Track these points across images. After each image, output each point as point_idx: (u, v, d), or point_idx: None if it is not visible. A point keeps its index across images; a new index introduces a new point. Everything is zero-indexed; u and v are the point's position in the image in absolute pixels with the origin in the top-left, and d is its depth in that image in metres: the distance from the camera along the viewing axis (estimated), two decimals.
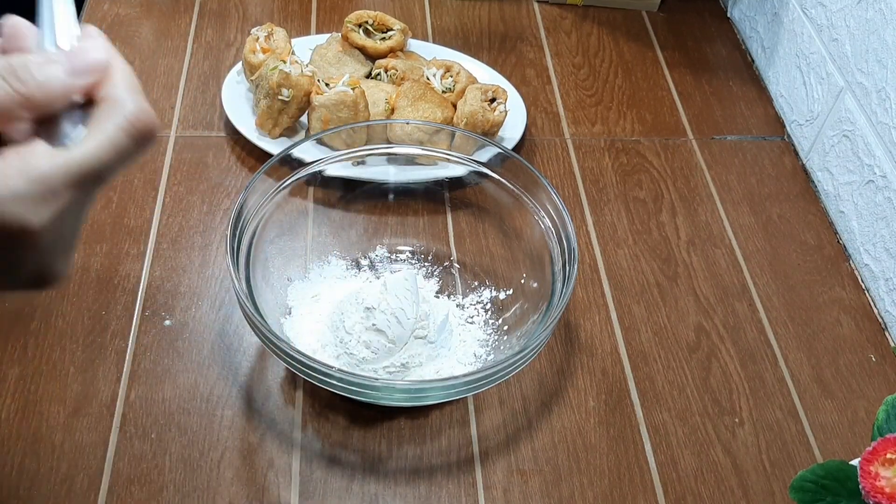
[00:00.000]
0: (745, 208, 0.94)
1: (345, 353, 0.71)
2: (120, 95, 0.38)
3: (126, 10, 1.08)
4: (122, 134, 0.37)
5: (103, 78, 0.38)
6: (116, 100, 0.38)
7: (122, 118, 0.37)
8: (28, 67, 0.36)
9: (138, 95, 0.38)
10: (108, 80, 0.38)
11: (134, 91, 0.38)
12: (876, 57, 0.88)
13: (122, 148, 0.37)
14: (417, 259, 0.83)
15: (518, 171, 0.78)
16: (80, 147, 0.37)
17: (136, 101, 0.38)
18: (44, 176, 0.36)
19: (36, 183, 0.35)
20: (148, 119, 0.38)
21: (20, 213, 0.35)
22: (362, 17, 0.98)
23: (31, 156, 0.36)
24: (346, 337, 0.72)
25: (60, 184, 0.36)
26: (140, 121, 0.38)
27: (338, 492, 0.68)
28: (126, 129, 0.37)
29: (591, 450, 0.72)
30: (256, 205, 0.73)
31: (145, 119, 0.38)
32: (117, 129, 0.37)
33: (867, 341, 0.83)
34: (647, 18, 1.17)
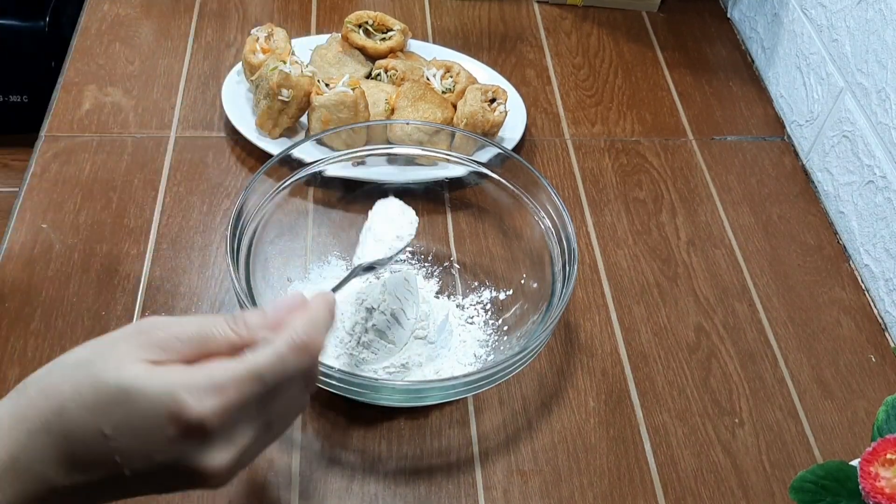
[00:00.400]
0: (745, 209, 0.94)
1: (345, 353, 0.71)
2: (295, 322, 0.46)
3: (126, 10, 1.08)
4: (284, 347, 0.45)
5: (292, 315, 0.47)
6: (290, 324, 0.46)
7: (288, 336, 0.45)
8: (244, 315, 0.46)
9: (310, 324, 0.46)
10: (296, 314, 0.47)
11: (310, 322, 0.46)
12: (876, 57, 0.88)
13: (283, 358, 0.45)
14: (417, 259, 0.83)
15: (518, 171, 0.78)
16: (249, 355, 0.44)
17: (306, 327, 0.46)
18: (216, 374, 0.43)
19: (209, 378, 0.43)
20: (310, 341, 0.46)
21: (190, 400, 0.42)
22: (362, 18, 0.98)
23: (217, 362, 0.44)
24: (346, 338, 0.72)
25: (227, 381, 0.43)
26: (302, 340, 0.45)
27: (338, 492, 0.68)
28: (289, 344, 0.45)
29: (591, 450, 0.72)
30: (256, 205, 0.73)
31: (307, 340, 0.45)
32: (281, 343, 0.45)
33: (867, 342, 0.83)
34: (647, 19, 1.17)
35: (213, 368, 0.43)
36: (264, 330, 0.46)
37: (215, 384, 0.43)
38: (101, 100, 0.96)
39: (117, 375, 0.42)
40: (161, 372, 0.43)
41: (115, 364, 0.43)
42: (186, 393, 0.42)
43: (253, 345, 0.45)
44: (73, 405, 0.42)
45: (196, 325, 0.45)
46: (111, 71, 1.00)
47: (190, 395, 0.42)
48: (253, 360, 0.44)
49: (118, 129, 0.93)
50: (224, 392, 0.43)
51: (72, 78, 0.99)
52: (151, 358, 0.43)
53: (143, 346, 0.44)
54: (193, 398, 0.42)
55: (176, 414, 0.42)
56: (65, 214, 0.84)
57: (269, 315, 0.47)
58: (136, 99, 0.97)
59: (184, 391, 0.42)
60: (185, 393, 0.42)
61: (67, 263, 0.80)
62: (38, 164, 0.89)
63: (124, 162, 0.90)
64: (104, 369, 0.43)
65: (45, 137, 0.92)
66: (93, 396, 0.42)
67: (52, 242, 0.82)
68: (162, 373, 0.43)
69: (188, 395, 0.42)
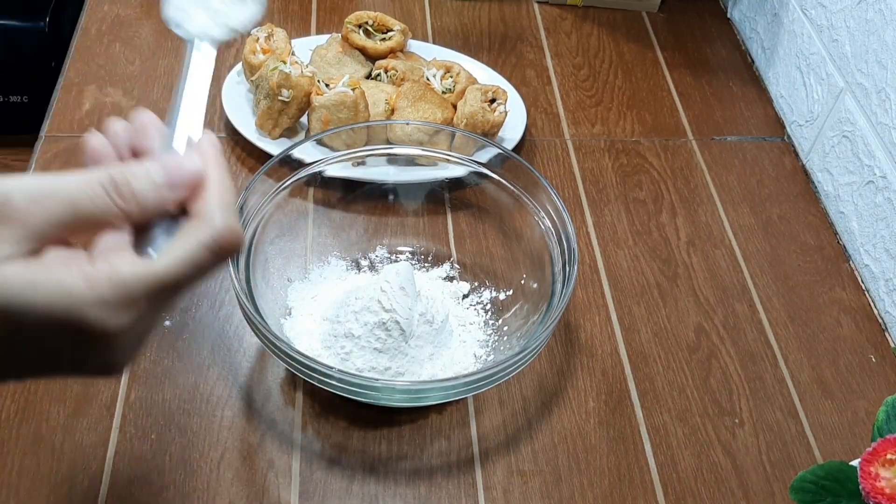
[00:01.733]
0: (745, 209, 0.94)
1: (344, 353, 0.71)
2: (209, 211, 0.40)
3: (126, 10, 1.08)
4: (203, 250, 0.39)
5: (197, 191, 0.40)
6: (205, 215, 0.40)
7: (207, 235, 0.39)
8: (128, 181, 0.39)
9: (228, 212, 0.40)
10: (202, 193, 0.40)
11: (224, 208, 0.40)
12: (876, 57, 0.88)
13: (201, 263, 0.39)
14: (417, 259, 0.83)
15: (518, 171, 0.78)
16: (162, 259, 0.39)
17: (225, 218, 0.40)
18: (126, 285, 0.38)
19: (119, 290, 0.37)
20: (232, 238, 0.40)
21: (102, 316, 0.37)
22: (362, 18, 0.98)
23: (118, 264, 0.38)
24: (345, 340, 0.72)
25: (140, 293, 0.38)
26: (224, 238, 0.39)
27: (338, 492, 0.68)
28: (209, 246, 0.39)
29: (592, 450, 0.72)
30: (256, 205, 0.73)
31: (230, 237, 0.40)
32: (199, 245, 0.39)
33: (867, 342, 0.83)
34: (647, 19, 1.17)
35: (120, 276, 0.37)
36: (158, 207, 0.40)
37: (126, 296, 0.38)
38: (101, 100, 0.96)
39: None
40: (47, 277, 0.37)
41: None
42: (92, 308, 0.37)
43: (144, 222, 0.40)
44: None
45: (66, 199, 0.38)
46: (111, 71, 1.00)
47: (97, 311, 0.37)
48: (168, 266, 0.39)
49: None
50: (135, 305, 0.38)
51: (72, 78, 0.99)
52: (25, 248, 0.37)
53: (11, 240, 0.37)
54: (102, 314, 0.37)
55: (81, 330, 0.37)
56: None
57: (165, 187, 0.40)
58: (136, 99, 0.97)
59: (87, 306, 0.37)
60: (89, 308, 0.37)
61: None
62: (39, 164, 0.89)
63: None
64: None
65: (45, 137, 0.92)
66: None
67: None
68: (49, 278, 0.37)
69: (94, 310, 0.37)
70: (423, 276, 0.81)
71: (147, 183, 0.39)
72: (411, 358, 0.72)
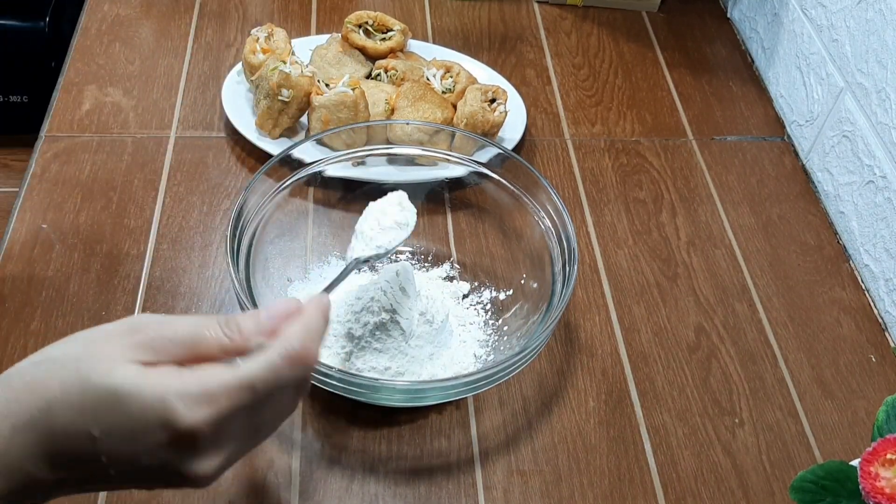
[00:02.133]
0: (745, 209, 0.94)
1: (345, 353, 0.71)
2: (290, 332, 0.45)
3: (126, 10, 1.08)
4: (278, 359, 0.44)
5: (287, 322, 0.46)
6: (285, 335, 0.45)
7: (282, 347, 0.44)
8: (237, 320, 0.45)
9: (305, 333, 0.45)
10: (290, 322, 0.46)
11: (305, 330, 0.45)
12: (876, 57, 0.88)
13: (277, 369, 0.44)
14: (417, 259, 0.83)
15: (518, 171, 0.78)
16: (243, 365, 0.44)
17: (302, 339, 0.45)
18: (209, 383, 0.42)
19: (201, 387, 0.42)
20: (305, 352, 0.45)
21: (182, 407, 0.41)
22: (362, 18, 0.98)
23: (210, 370, 0.44)
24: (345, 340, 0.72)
25: (220, 391, 0.42)
26: (297, 351, 0.44)
27: (338, 492, 0.68)
28: (282, 356, 0.44)
29: (592, 450, 0.72)
30: (256, 205, 0.73)
31: (302, 352, 0.45)
32: (276, 355, 0.44)
33: (867, 341, 0.83)
34: (647, 19, 1.17)
35: (206, 376, 0.43)
36: (258, 336, 0.45)
37: (208, 393, 0.42)
38: (101, 100, 0.96)
39: (108, 377, 0.42)
40: (153, 376, 0.42)
41: (105, 364, 0.42)
42: (179, 401, 0.41)
43: (246, 350, 0.45)
44: (60, 404, 0.41)
45: (189, 326, 0.44)
46: (111, 71, 1.00)
47: (182, 403, 0.41)
48: (246, 369, 0.43)
49: (118, 129, 0.93)
50: (216, 402, 0.42)
51: (72, 78, 0.99)
52: (143, 359, 0.43)
53: (135, 346, 0.43)
54: (186, 406, 0.41)
55: (167, 421, 0.41)
56: (65, 214, 0.84)
57: (264, 320, 0.46)
58: (136, 99, 0.97)
59: (176, 399, 0.41)
60: (177, 401, 0.41)
61: (67, 263, 0.80)
62: (38, 164, 0.89)
63: (124, 162, 0.90)
64: (94, 369, 0.42)
65: (45, 137, 0.92)
66: (81, 397, 0.41)
67: (52, 242, 0.82)
68: (154, 377, 0.42)
69: (180, 402, 0.41)
70: (423, 276, 0.81)
71: (249, 318, 0.46)
72: (411, 358, 0.72)
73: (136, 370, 0.42)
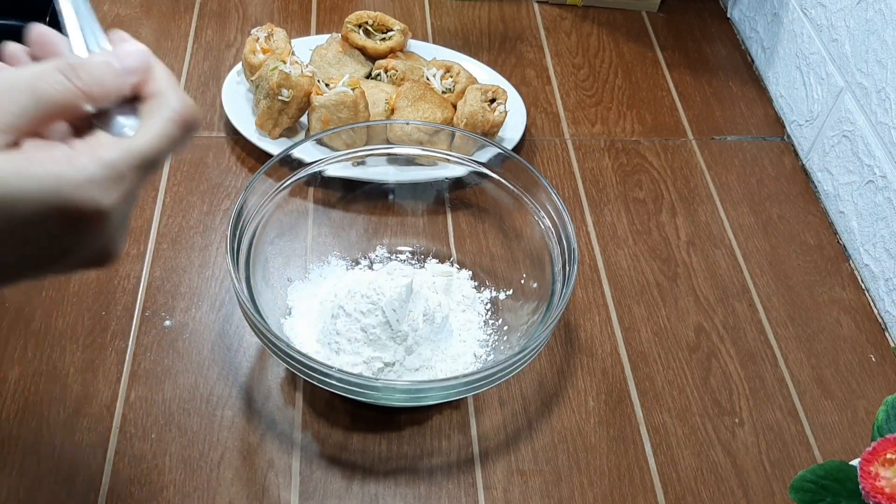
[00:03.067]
0: (745, 208, 0.94)
1: (344, 353, 0.71)
2: (165, 91, 0.42)
3: (126, 10, 1.08)
4: (171, 125, 0.42)
5: (147, 76, 0.43)
6: (163, 95, 0.42)
7: (169, 111, 0.42)
8: (85, 66, 0.40)
9: (180, 91, 0.43)
10: (151, 78, 0.43)
11: (175, 87, 0.43)
12: (876, 57, 0.88)
13: (172, 137, 0.42)
14: (417, 259, 0.83)
15: (518, 171, 0.78)
16: (139, 136, 0.41)
17: (180, 95, 0.43)
18: (113, 161, 0.39)
19: (106, 168, 0.39)
20: (192, 111, 0.43)
21: (95, 195, 0.38)
22: (362, 18, 0.98)
23: (98, 144, 0.40)
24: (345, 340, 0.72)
25: (126, 168, 0.40)
26: (186, 112, 0.42)
27: (338, 492, 0.68)
28: (175, 121, 0.42)
29: (591, 450, 0.72)
30: (256, 205, 0.73)
31: (190, 111, 0.42)
32: (167, 121, 0.41)
33: (867, 341, 0.83)
34: (647, 19, 1.17)
35: (104, 155, 0.39)
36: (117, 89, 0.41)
37: (114, 173, 0.39)
38: None
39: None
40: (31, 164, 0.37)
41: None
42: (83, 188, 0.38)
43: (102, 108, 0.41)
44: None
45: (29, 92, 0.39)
46: None
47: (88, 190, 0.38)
48: (146, 142, 0.41)
49: None
50: (123, 180, 0.39)
51: None
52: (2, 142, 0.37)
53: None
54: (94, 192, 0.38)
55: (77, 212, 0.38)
56: None
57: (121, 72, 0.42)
58: None
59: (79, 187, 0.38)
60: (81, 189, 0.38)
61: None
62: None
63: None
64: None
65: None
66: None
67: None
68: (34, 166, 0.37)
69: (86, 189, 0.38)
70: (422, 276, 0.81)
71: (104, 67, 0.41)
72: (411, 358, 0.72)
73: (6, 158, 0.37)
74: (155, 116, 0.42)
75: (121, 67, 0.42)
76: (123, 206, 0.40)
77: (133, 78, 0.42)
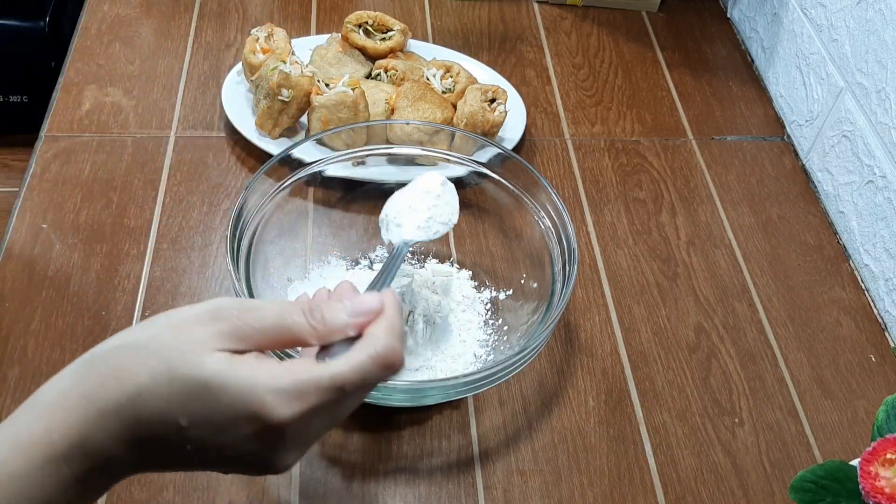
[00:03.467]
0: (745, 208, 0.94)
1: None
2: (378, 333, 0.46)
3: (126, 10, 1.08)
4: (369, 361, 0.45)
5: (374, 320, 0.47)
6: (374, 335, 0.46)
7: (372, 349, 0.45)
8: (322, 309, 0.46)
9: (394, 337, 0.46)
10: (376, 321, 0.47)
11: (391, 333, 0.46)
12: (876, 57, 0.88)
13: (366, 371, 0.45)
14: (417, 259, 0.83)
15: (518, 171, 0.78)
16: (333, 363, 0.44)
17: (389, 340, 0.46)
18: (302, 379, 0.43)
19: (294, 382, 0.43)
20: (394, 356, 0.46)
21: (275, 403, 0.42)
22: (362, 18, 0.98)
23: (297, 363, 0.44)
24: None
25: (312, 388, 0.43)
26: (387, 355, 0.45)
27: (338, 492, 0.68)
28: (373, 358, 0.45)
29: (591, 450, 0.72)
30: (256, 205, 0.73)
31: (392, 355, 0.46)
32: (366, 357, 0.45)
33: (867, 341, 0.83)
34: (647, 19, 1.17)
35: (297, 372, 0.43)
36: (343, 330, 0.46)
37: (299, 389, 0.43)
38: (101, 100, 0.96)
39: (198, 368, 0.42)
40: (243, 367, 0.43)
41: (194, 354, 0.42)
42: (270, 395, 0.42)
43: (328, 341, 0.46)
44: (148, 394, 0.42)
45: (273, 314, 0.45)
46: (111, 71, 1.00)
47: (273, 398, 0.42)
48: (337, 369, 0.44)
49: (118, 129, 0.93)
50: (306, 398, 0.43)
51: (72, 78, 0.99)
52: (230, 347, 0.43)
53: (222, 335, 0.43)
54: (277, 401, 0.42)
55: (257, 415, 0.42)
56: (65, 214, 0.84)
57: (350, 317, 0.47)
58: (136, 99, 0.97)
59: (267, 392, 0.42)
60: (268, 395, 0.42)
61: (67, 263, 0.80)
62: (38, 164, 0.89)
63: (124, 162, 0.90)
64: (183, 359, 0.42)
65: (45, 137, 0.92)
66: (169, 386, 0.42)
67: (52, 242, 0.82)
68: (244, 368, 0.43)
69: (272, 397, 0.42)
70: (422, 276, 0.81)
71: (336, 312, 0.46)
72: (411, 358, 0.72)
73: (226, 360, 0.43)
74: (358, 351, 0.45)
75: (351, 311, 0.46)
76: (305, 425, 0.44)
77: (357, 321, 0.46)
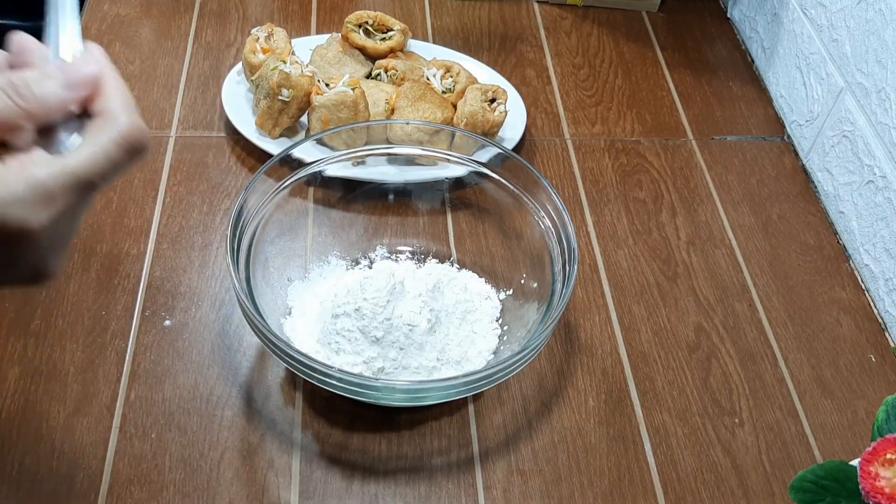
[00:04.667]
0: (745, 208, 0.94)
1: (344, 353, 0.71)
2: (114, 110, 0.41)
3: (126, 10, 1.08)
4: (114, 146, 0.40)
5: (97, 92, 0.41)
6: (110, 114, 0.40)
7: (115, 132, 0.40)
8: (27, 83, 0.39)
9: (131, 111, 0.41)
10: (102, 94, 0.41)
11: (127, 106, 0.41)
12: (876, 57, 0.88)
13: (114, 159, 0.40)
14: (417, 259, 0.83)
15: (518, 171, 0.78)
16: (75, 156, 0.39)
17: (129, 116, 0.41)
18: (42, 181, 0.38)
19: (35, 188, 0.38)
20: (140, 134, 0.41)
21: (21, 215, 0.37)
22: (362, 18, 0.98)
23: (30, 163, 0.39)
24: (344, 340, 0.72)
25: (57, 189, 0.38)
26: (132, 135, 0.40)
27: (338, 492, 0.68)
28: (118, 142, 0.40)
29: (591, 450, 0.72)
30: (256, 205, 0.73)
31: (137, 134, 0.40)
32: (110, 142, 0.40)
33: (867, 341, 0.83)
34: (647, 19, 1.17)
35: (35, 174, 0.38)
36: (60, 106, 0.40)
37: (41, 194, 0.38)
38: None
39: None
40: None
41: None
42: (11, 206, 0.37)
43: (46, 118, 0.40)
44: None
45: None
46: None
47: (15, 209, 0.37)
48: (82, 164, 0.39)
49: None
50: (53, 203, 0.38)
51: None
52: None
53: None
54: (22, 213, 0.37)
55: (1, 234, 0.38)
56: None
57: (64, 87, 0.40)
58: (136, 99, 0.96)
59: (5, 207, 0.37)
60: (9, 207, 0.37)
61: (67, 263, 0.80)
62: None
63: None
64: None
65: None
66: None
67: None
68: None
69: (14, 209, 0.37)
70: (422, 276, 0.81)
71: (47, 83, 0.40)
72: (411, 358, 0.72)
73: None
74: (97, 136, 0.40)
75: (66, 82, 0.40)
76: (56, 227, 0.39)
77: (78, 93, 0.40)
